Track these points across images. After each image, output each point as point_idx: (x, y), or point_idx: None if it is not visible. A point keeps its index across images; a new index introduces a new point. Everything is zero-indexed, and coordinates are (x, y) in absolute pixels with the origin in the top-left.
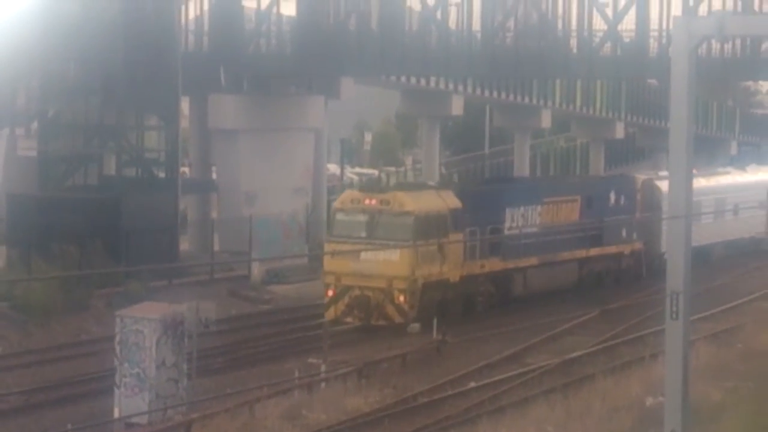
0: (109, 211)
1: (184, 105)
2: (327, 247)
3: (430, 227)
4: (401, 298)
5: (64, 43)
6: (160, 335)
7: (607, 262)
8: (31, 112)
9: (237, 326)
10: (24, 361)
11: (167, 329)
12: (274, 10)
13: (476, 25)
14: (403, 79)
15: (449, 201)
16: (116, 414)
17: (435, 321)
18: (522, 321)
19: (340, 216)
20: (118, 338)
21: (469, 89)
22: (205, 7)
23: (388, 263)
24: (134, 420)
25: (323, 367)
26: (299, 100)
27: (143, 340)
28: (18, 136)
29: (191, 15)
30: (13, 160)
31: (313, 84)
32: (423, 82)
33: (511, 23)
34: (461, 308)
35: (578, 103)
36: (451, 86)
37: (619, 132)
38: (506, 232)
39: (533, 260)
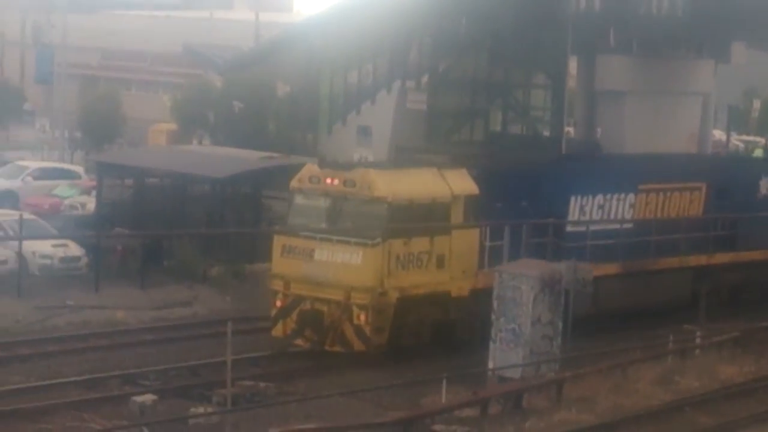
0: None
1: (572, 65)
2: (276, 243)
3: (416, 220)
4: (362, 317)
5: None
6: (537, 292)
7: (746, 273)
8: (422, 67)
9: None
10: None
11: (545, 287)
12: None
13: None
14: None
15: (457, 184)
16: (490, 366)
17: None
18: None
19: (298, 199)
20: (495, 293)
21: None
22: None
23: (347, 268)
24: (507, 374)
25: (699, 334)
26: (688, 63)
27: (521, 296)
28: (408, 89)
29: None
30: (402, 112)
31: (704, 48)
32: None
33: None
34: (476, 332)
35: None
36: None
37: None
38: (569, 229)
39: (610, 268)
